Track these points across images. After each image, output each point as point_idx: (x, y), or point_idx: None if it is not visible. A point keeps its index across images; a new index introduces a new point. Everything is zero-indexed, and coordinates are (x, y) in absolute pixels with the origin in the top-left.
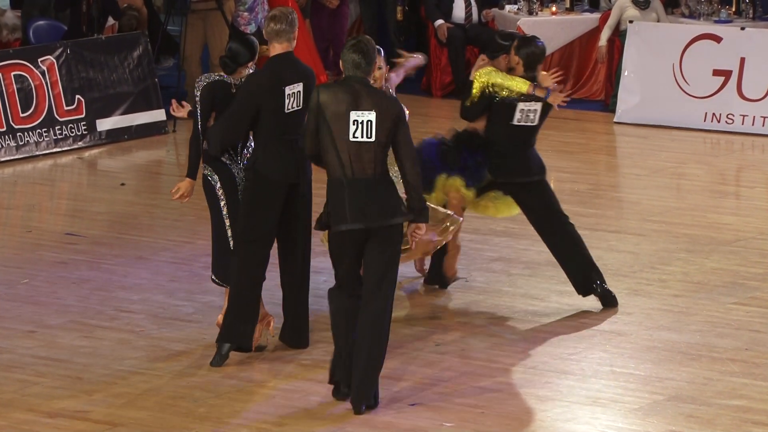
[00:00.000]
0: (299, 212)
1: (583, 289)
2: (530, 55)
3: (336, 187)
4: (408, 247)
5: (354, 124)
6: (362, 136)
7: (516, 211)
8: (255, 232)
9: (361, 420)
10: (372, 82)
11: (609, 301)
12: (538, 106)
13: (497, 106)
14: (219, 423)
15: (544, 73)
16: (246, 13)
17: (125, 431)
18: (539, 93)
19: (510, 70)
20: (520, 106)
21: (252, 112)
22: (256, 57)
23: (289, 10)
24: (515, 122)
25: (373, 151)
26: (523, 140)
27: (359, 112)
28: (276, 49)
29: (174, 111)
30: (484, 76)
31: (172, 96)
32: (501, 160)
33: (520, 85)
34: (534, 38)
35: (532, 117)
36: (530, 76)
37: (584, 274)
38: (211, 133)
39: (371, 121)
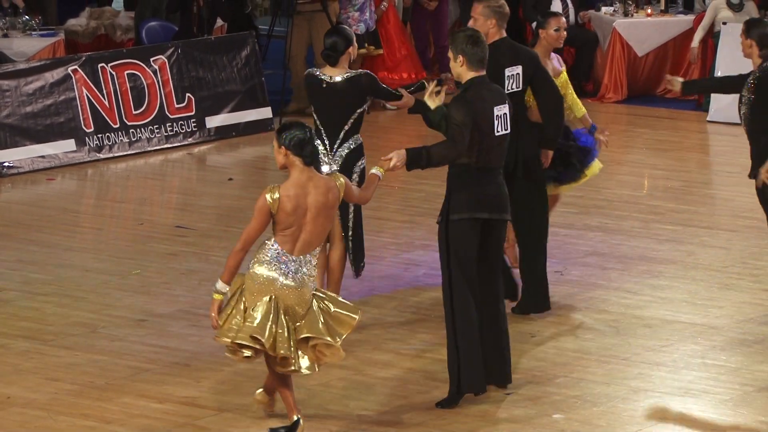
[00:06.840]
0: None
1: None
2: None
3: (473, 176)
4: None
5: (497, 120)
6: (503, 130)
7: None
8: None
9: (458, 409)
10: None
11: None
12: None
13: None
14: (321, 410)
15: None
16: (356, 14)
17: (231, 417)
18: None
19: None
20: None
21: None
22: (354, 43)
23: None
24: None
25: (505, 142)
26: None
27: (500, 107)
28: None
29: None
30: None
31: (278, 95)
32: None
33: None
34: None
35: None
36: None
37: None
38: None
39: (506, 114)
